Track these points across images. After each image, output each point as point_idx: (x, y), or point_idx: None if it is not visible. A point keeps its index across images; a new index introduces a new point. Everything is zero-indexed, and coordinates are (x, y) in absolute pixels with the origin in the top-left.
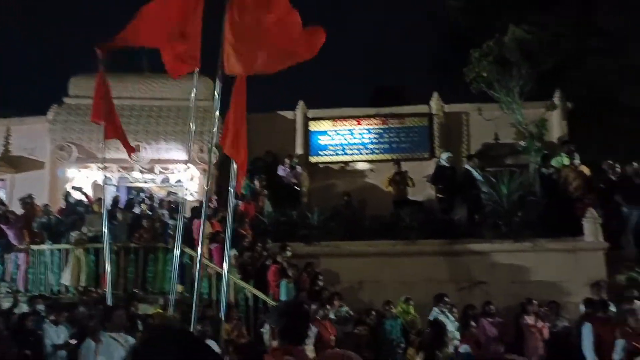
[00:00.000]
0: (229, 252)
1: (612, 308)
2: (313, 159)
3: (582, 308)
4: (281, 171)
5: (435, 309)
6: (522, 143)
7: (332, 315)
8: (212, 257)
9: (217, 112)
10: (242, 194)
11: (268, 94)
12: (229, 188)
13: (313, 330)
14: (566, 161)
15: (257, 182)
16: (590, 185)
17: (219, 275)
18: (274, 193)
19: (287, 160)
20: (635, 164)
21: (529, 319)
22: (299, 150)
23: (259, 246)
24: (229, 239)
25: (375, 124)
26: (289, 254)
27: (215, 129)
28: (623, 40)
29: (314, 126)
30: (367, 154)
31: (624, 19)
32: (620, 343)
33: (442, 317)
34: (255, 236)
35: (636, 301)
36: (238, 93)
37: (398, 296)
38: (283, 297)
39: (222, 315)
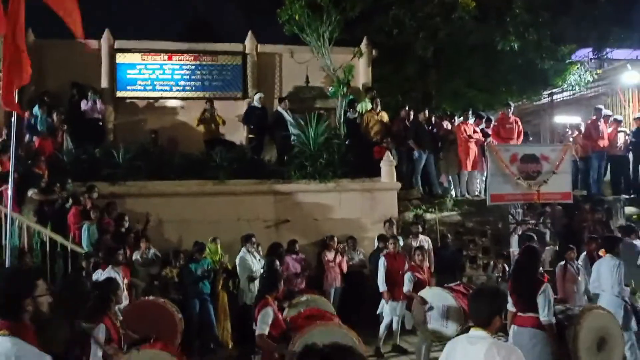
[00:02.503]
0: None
1: (401, 242)
2: (120, 94)
3: (377, 243)
4: (83, 105)
5: (243, 249)
6: (330, 88)
7: (137, 257)
8: (1, 199)
9: None
10: (36, 128)
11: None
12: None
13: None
14: (369, 106)
15: (55, 116)
16: (389, 130)
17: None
18: (75, 129)
19: (90, 94)
20: (426, 112)
21: (329, 255)
22: (104, 83)
23: (57, 186)
24: (12, 176)
25: (187, 60)
26: (95, 195)
27: None
28: None
29: (121, 58)
30: (178, 90)
31: None
32: (407, 276)
33: (248, 257)
34: (52, 175)
35: (421, 235)
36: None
37: (207, 236)
38: (85, 241)
39: (6, 261)
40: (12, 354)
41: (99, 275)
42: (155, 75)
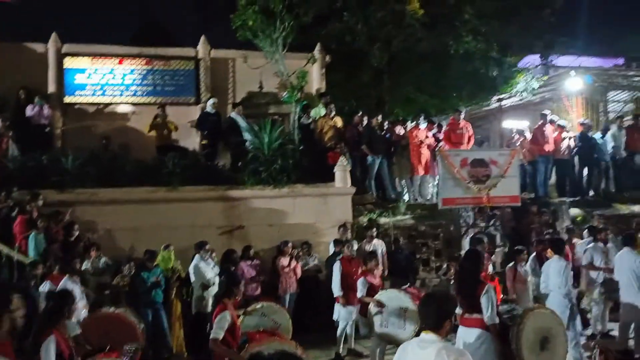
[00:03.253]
0: None
1: (356, 246)
2: (68, 99)
3: (332, 247)
4: (29, 111)
5: (197, 256)
6: (284, 93)
7: (88, 266)
8: None
9: None
10: None
11: (20, 23)
12: None
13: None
14: (323, 112)
15: None
16: (342, 135)
17: None
18: (21, 135)
19: (36, 99)
20: (379, 117)
21: (284, 260)
22: (51, 88)
23: (3, 194)
24: None
25: (138, 65)
26: (40, 203)
27: None
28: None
29: (69, 62)
30: (129, 95)
31: None
32: (361, 281)
33: (202, 264)
34: None
35: (375, 240)
36: None
37: (160, 244)
38: (32, 251)
39: None
40: None
41: (46, 286)
42: (105, 79)
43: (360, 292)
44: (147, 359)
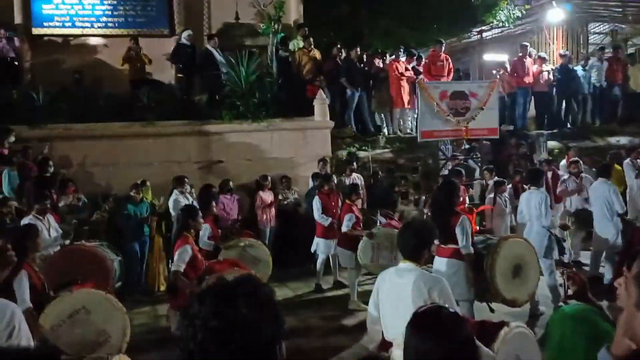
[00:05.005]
0: None
1: (335, 180)
2: (36, 31)
3: (311, 182)
4: None
5: (175, 191)
6: (261, 25)
7: (65, 203)
8: None
9: None
10: None
11: None
12: None
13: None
14: (301, 44)
15: None
16: (321, 68)
17: None
18: None
19: (1, 31)
20: (357, 50)
21: (263, 195)
22: (18, 19)
23: None
24: None
25: None
26: (12, 139)
27: None
28: None
29: None
30: (100, 27)
31: None
32: (348, 217)
33: (181, 198)
34: None
35: (353, 174)
36: None
37: (135, 179)
38: (5, 187)
39: None
40: None
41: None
42: (74, 10)
43: (346, 226)
44: (126, 292)
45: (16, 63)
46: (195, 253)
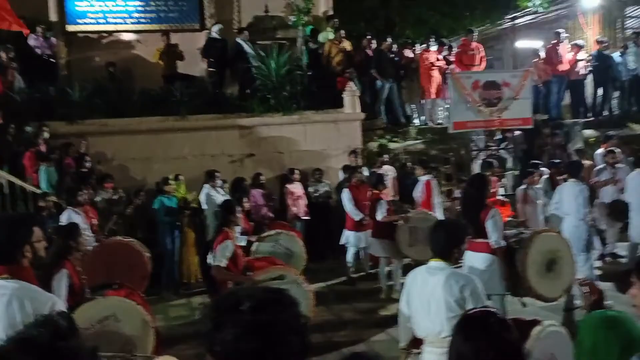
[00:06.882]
0: None
1: (366, 172)
2: (70, 28)
3: (341, 174)
4: (32, 41)
5: (207, 185)
6: (291, 17)
7: (103, 197)
8: None
9: None
10: None
11: None
12: None
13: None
14: (331, 36)
15: (2, 54)
16: (351, 59)
17: None
18: (26, 66)
19: (38, 29)
20: (389, 40)
21: (292, 187)
22: (53, 17)
23: (12, 128)
24: None
25: None
26: (46, 135)
27: None
28: None
29: None
30: (132, 23)
31: None
32: (380, 203)
33: (213, 192)
34: (6, 117)
35: (384, 165)
36: None
37: (170, 173)
38: (43, 183)
39: None
40: (22, 294)
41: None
42: (107, 7)
43: (381, 213)
44: (158, 285)
45: (52, 60)
46: (236, 249)
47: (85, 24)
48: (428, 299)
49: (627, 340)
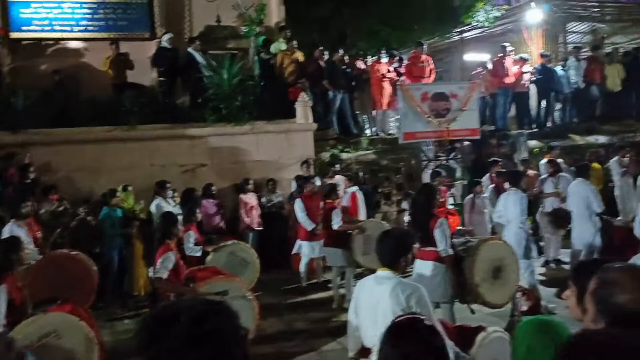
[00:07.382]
0: None
1: (318, 182)
2: (14, 35)
3: (294, 184)
4: None
5: (157, 197)
6: (243, 27)
7: (48, 209)
8: None
9: None
10: None
11: None
12: None
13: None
14: (283, 46)
15: None
16: (303, 70)
17: None
18: None
19: None
20: (341, 52)
21: (245, 197)
22: None
23: None
24: None
25: None
26: None
27: None
28: None
29: None
30: (79, 31)
31: None
32: (335, 212)
33: (164, 203)
34: None
35: (337, 176)
36: None
37: (118, 184)
38: None
39: None
40: None
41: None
42: (53, 14)
43: (337, 223)
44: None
45: None
46: (177, 260)
47: (30, 31)
48: (375, 309)
49: (560, 344)
